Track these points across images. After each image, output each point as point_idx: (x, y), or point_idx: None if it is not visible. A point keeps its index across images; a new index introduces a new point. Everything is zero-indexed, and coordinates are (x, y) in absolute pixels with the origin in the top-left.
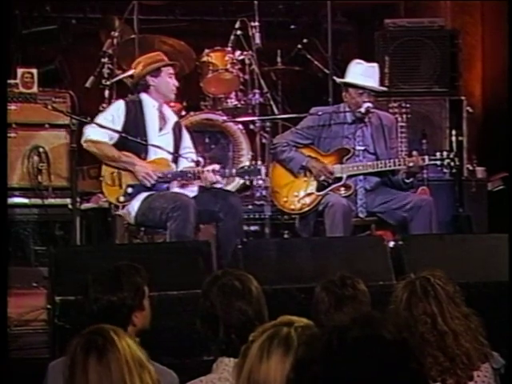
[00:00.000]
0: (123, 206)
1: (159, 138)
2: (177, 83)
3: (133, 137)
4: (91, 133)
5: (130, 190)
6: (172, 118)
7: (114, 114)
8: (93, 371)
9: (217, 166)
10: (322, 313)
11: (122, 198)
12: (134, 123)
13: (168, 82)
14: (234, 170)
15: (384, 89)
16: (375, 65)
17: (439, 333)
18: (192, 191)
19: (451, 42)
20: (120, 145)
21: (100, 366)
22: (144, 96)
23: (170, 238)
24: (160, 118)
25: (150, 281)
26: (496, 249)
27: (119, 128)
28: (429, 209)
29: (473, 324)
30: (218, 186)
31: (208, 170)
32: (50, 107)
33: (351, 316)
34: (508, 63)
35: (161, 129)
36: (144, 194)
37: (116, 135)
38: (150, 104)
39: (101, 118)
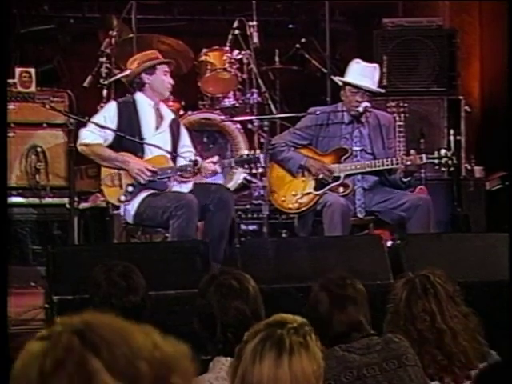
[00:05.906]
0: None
1: (156, 137)
2: (172, 81)
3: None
4: (85, 136)
5: (130, 188)
6: (169, 116)
7: (106, 116)
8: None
9: (216, 158)
10: (323, 313)
11: (123, 198)
12: (129, 124)
13: (163, 79)
14: (232, 160)
15: (380, 90)
16: (375, 65)
17: (437, 331)
18: (187, 188)
19: (449, 41)
20: (116, 146)
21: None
22: (139, 96)
23: (172, 237)
24: (156, 116)
25: (148, 280)
26: (494, 248)
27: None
28: (427, 208)
29: (471, 323)
30: (218, 181)
31: (207, 162)
32: (47, 106)
33: (352, 316)
34: (506, 62)
35: (157, 127)
36: (143, 194)
37: (110, 137)
38: (145, 103)
39: (93, 121)
